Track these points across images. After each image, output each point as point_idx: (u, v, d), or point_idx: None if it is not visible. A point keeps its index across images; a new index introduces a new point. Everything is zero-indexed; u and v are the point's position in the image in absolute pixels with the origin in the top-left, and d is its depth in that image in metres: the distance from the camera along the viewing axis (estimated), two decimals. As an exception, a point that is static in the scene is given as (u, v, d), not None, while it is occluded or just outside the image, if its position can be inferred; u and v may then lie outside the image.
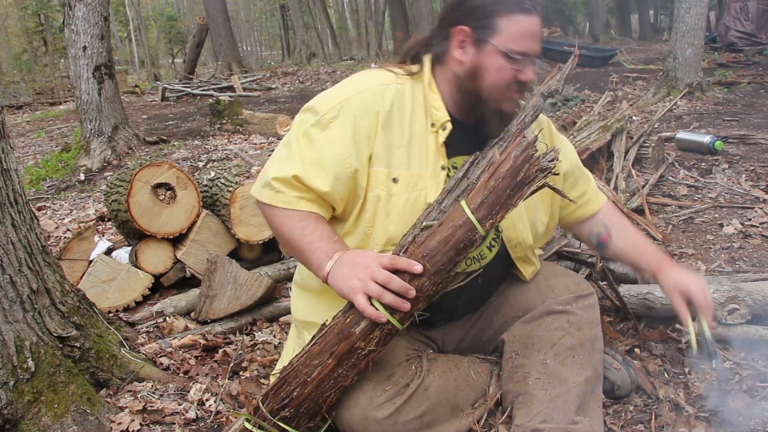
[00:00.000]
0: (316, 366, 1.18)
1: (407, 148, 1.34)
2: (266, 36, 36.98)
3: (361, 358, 1.19)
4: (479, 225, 1.13)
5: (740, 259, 2.29)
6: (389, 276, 1.14)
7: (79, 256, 2.37)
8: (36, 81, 15.97)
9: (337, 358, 1.18)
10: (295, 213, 1.30)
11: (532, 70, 1.32)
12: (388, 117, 1.33)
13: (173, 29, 23.47)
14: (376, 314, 1.14)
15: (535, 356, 1.41)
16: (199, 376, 1.79)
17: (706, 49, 7.35)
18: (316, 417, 1.23)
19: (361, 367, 1.20)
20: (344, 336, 1.18)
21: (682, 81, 5.87)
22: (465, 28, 1.32)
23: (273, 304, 2.27)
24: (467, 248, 1.15)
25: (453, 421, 1.39)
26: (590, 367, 1.40)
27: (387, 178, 1.33)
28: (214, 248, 2.46)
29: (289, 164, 1.31)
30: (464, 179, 1.21)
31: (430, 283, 1.15)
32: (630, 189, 2.97)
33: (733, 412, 1.45)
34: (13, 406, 1.39)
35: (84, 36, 5.25)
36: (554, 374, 1.37)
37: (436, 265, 1.15)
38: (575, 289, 1.49)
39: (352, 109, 1.32)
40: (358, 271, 1.17)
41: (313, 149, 1.31)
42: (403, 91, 1.35)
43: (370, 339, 1.17)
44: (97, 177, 5.06)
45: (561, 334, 1.42)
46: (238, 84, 10.50)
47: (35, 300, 1.51)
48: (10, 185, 1.51)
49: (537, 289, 1.51)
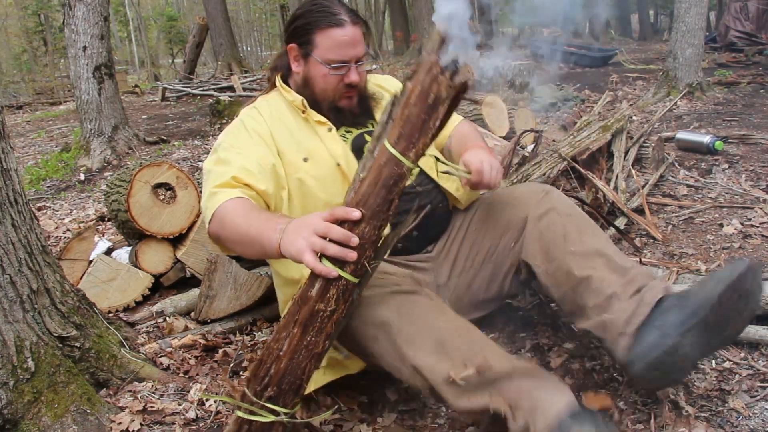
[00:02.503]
0: (285, 338, 1.17)
1: (298, 133, 1.61)
2: (266, 36, 36.96)
3: (324, 320, 1.17)
4: (403, 157, 1.14)
5: (740, 259, 2.29)
6: (328, 226, 1.14)
7: (79, 256, 2.37)
8: (36, 81, 15.98)
9: (301, 325, 1.16)
10: (237, 205, 1.39)
11: (356, 72, 1.58)
12: (272, 121, 1.61)
13: (173, 29, 23.45)
14: (325, 270, 1.13)
15: (560, 255, 1.48)
16: (199, 376, 1.79)
17: (706, 49, 7.34)
18: (300, 391, 1.22)
19: (329, 331, 1.18)
20: (303, 301, 1.16)
21: (682, 81, 5.87)
22: (294, 45, 1.62)
23: (273, 304, 2.27)
24: (397, 184, 1.15)
25: (433, 355, 1.26)
26: (602, 233, 1.53)
27: (298, 161, 1.57)
28: (214, 248, 2.46)
29: (222, 176, 1.47)
30: (389, 121, 1.19)
31: (370, 227, 1.14)
32: (630, 189, 2.97)
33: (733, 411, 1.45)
34: (13, 406, 1.39)
35: (84, 36, 5.25)
36: (587, 253, 1.45)
37: (372, 207, 1.14)
38: (538, 188, 1.63)
39: (244, 126, 1.60)
40: (302, 230, 1.18)
41: (232, 164, 1.49)
42: (269, 104, 1.66)
43: (328, 299, 1.15)
44: (97, 177, 5.06)
45: (562, 225, 1.51)
46: (238, 84, 10.48)
47: (35, 300, 1.51)
48: (10, 185, 1.51)
49: (509, 204, 1.64)
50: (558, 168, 2.89)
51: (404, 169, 1.14)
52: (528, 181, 2.81)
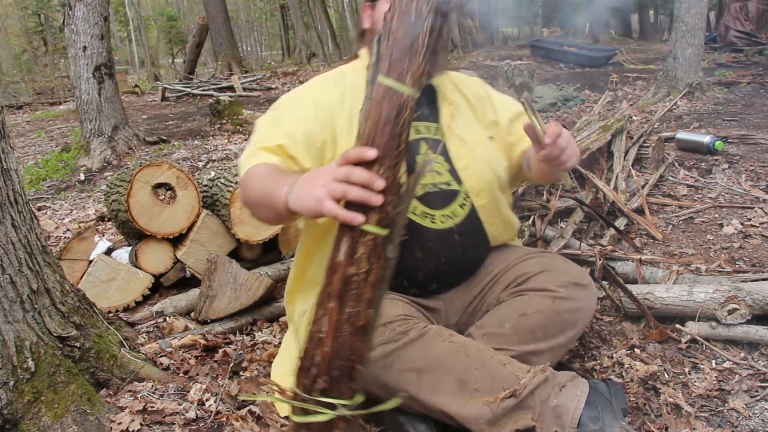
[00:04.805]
0: (323, 317, 1.05)
1: None
2: (266, 36, 36.97)
3: (361, 285, 1.04)
4: (398, 84, 1.04)
5: (740, 259, 2.29)
6: (349, 169, 1.02)
7: (79, 256, 2.37)
8: (36, 81, 15.97)
9: (336, 297, 1.04)
10: (264, 168, 1.32)
11: None
12: (343, 100, 1.49)
13: (173, 29, 23.45)
14: (350, 215, 1.00)
15: (497, 314, 1.48)
16: (199, 376, 1.79)
17: (706, 49, 7.34)
18: (354, 376, 1.08)
19: (368, 296, 1.04)
20: (333, 270, 1.05)
21: (682, 81, 5.87)
22: (367, 3, 1.55)
23: (273, 304, 2.27)
24: (401, 113, 1.04)
25: (458, 397, 1.30)
26: (543, 343, 1.45)
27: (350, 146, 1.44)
28: (214, 248, 2.46)
29: (266, 138, 1.42)
30: (378, 60, 1.11)
31: (384, 168, 1.03)
32: (630, 189, 2.97)
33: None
34: (13, 406, 1.39)
35: (84, 36, 5.25)
36: (499, 336, 1.44)
37: (381, 145, 1.03)
38: (577, 276, 1.53)
39: (312, 95, 1.51)
40: (318, 179, 1.07)
41: (281, 126, 1.44)
42: (346, 80, 1.54)
43: (358, 260, 1.03)
44: (97, 177, 5.06)
45: (536, 311, 1.46)
46: (238, 84, 10.49)
47: (35, 300, 1.51)
48: (10, 185, 1.51)
49: (540, 264, 1.55)
50: (558, 168, 2.89)
51: (404, 98, 1.04)
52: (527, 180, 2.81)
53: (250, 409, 1.59)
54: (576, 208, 2.67)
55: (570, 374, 1.35)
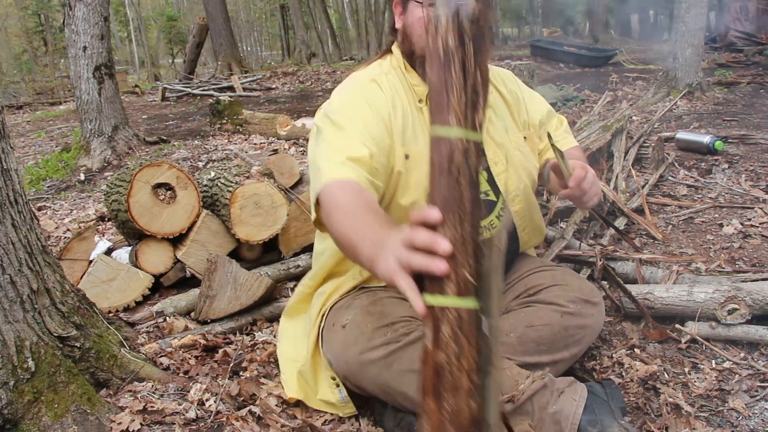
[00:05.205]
0: (424, 421, 0.88)
1: (411, 127, 1.45)
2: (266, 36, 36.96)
3: (455, 373, 0.86)
4: (442, 128, 0.91)
5: (740, 259, 2.29)
6: (413, 232, 0.89)
7: (79, 256, 2.37)
8: (36, 81, 15.98)
9: (431, 393, 0.87)
10: (345, 195, 1.23)
11: None
12: (390, 100, 1.45)
13: (173, 29, 23.45)
14: (415, 296, 0.87)
15: (504, 322, 1.46)
16: (199, 376, 1.79)
17: (706, 49, 7.34)
18: None
19: (466, 386, 0.86)
20: (423, 362, 0.89)
21: (682, 81, 5.87)
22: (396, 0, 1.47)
23: (273, 304, 2.27)
24: (453, 159, 0.89)
25: None
26: (546, 356, 1.45)
27: (401, 155, 1.43)
28: (214, 248, 2.46)
29: (334, 144, 1.36)
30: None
31: (449, 226, 0.88)
32: (630, 189, 2.97)
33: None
34: (13, 406, 1.39)
35: (84, 36, 5.25)
36: (503, 345, 1.42)
37: (440, 201, 0.89)
38: (588, 293, 1.53)
39: (364, 97, 1.44)
40: (392, 243, 0.96)
41: (347, 130, 1.38)
42: (389, 80, 1.49)
43: (446, 343, 0.86)
44: (97, 177, 5.06)
45: (544, 323, 1.46)
46: (238, 84, 10.49)
47: (35, 300, 1.51)
48: (10, 185, 1.51)
49: (552, 277, 1.55)
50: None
51: (453, 141, 0.90)
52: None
53: (250, 409, 1.59)
54: (576, 208, 2.67)
55: (568, 380, 1.35)
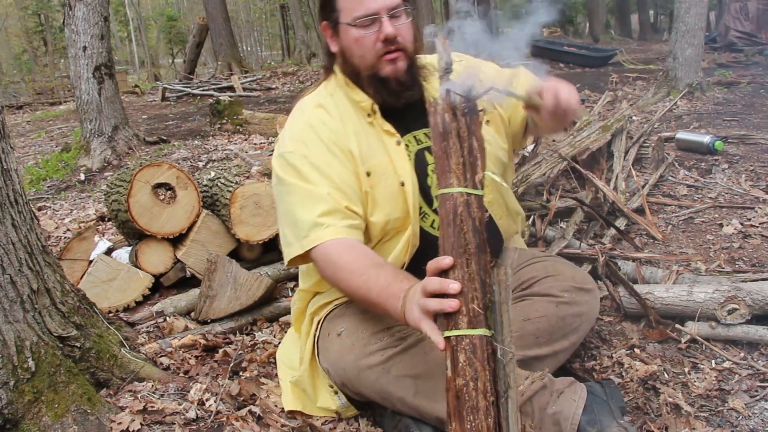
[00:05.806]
0: None
1: (366, 143, 1.46)
2: (266, 36, 36.96)
3: (473, 395, 0.99)
4: (445, 189, 1.11)
5: (740, 259, 2.29)
6: (426, 280, 1.07)
7: (79, 256, 2.37)
8: (36, 81, 15.99)
9: (455, 416, 1.00)
10: (347, 253, 1.32)
11: (390, 25, 1.38)
12: (340, 123, 1.46)
13: (173, 29, 23.46)
14: (434, 333, 1.04)
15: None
16: (199, 376, 1.79)
17: (706, 49, 7.34)
18: None
19: (484, 406, 1.00)
20: (447, 388, 1.02)
21: (682, 81, 5.86)
22: (324, 23, 1.47)
23: (273, 304, 2.27)
24: (457, 213, 1.09)
25: None
26: (547, 348, 1.46)
27: (364, 174, 1.44)
28: (214, 248, 2.46)
29: (311, 197, 1.38)
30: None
31: (458, 269, 1.05)
32: (630, 189, 2.97)
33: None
34: (13, 405, 1.39)
35: (84, 36, 5.25)
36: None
37: (449, 249, 1.07)
38: (581, 280, 1.54)
39: (316, 134, 1.45)
40: (416, 295, 1.11)
41: (318, 184, 1.39)
42: (335, 101, 1.49)
43: (463, 369, 1.00)
44: (97, 177, 5.06)
45: (540, 315, 1.46)
46: (238, 84, 10.49)
47: (35, 300, 1.51)
48: (11, 185, 1.51)
49: (545, 268, 1.56)
50: (558, 168, 2.89)
51: (455, 197, 1.09)
52: (527, 180, 2.81)
53: (250, 409, 1.60)
54: (576, 208, 2.67)
55: (568, 380, 1.35)
